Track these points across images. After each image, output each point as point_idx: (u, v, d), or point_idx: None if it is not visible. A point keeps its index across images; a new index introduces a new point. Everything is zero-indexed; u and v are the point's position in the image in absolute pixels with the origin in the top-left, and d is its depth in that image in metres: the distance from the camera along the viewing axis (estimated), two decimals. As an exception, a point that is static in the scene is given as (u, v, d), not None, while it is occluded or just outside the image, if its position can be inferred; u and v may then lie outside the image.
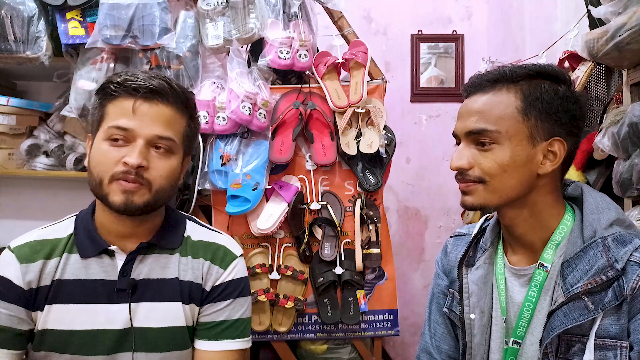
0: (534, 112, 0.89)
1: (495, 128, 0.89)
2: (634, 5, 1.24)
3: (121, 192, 0.96)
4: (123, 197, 0.97)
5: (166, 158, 1.01)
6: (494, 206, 0.94)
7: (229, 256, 1.12)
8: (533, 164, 0.90)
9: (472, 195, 0.93)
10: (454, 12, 2.63)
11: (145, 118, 0.98)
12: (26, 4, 1.65)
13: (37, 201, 2.11)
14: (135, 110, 0.98)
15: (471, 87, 0.95)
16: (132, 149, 0.97)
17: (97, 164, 0.98)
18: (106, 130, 0.98)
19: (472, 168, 0.92)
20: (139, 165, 0.96)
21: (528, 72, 0.91)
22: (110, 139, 0.98)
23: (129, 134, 0.97)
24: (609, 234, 0.87)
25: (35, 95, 2.11)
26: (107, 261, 1.04)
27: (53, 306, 1.02)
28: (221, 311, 1.09)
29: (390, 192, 2.56)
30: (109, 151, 0.97)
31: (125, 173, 0.96)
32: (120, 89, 0.99)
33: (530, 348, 0.93)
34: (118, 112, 0.98)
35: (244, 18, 1.66)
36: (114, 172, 0.96)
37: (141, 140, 0.97)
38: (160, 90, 0.99)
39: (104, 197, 0.98)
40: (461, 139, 0.94)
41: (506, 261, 1.00)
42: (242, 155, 1.72)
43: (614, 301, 0.83)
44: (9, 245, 1.04)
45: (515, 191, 0.91)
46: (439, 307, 1.11)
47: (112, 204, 0.97)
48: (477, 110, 0.92)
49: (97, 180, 0.98)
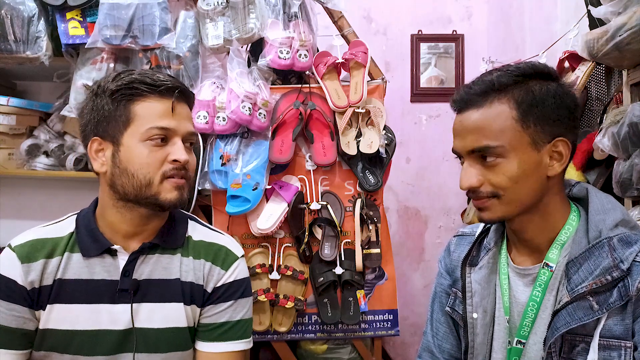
0: (531, 119, 0.88)
1: (498, 143, 0.88)
2: (634, 5, 1.24)
3: (174, 189, 1.00)
4: (177, 194, 1.01)
5: (192, 153, 1.06)
6: (513, 216, 0.93)
7: (231, 257, 1.12)
8: (542, 168, 0.89)
9: (489, 210, 0.92)
10: (454, 12, 2.63)
11: (180, 117, 1.02)
12: (26, 4, 1.65)
13: (37, 201, 2.11)
14: (174, 110, 1.01)
15: (461, 102, 0.93)
16: (174, 147, 1.00)
17: (142, 165, 0.99)
18: (145, 132, 0.99)
19: (482, 185, 0.91)
20: (186, 161, 1.01)
21: (515, 77, 0.89)
22: (150, 139, 0.99)
23: (169, 133, 1.00)
24: (615, 234, 0.87)
25: (35, 95, 2.10)
26: (109, 261, 1.04)
27: (55, 306, 1.01)
28: (223, 312, 1.08)
29: (390, 192, 2.56)
30: (155, 151, 0.99)
31: (177, 170, 1.00)
32: (152, 90, 1.00)
33: (534, 348, 0.93)
34: (155, 113, 1.00)
35: (244, 18, 1.66)
36: (164, 170, 0.99)
37: (179, 138, 1.01)
38: (184, 90, 1.04)
39: (153, 196, 1.00)
40: (464, 157, 0.93)
41: (510, 261, 1.00)
42: (242, 155, 1.72)
43: (619, 301, 0.83)
44: (9, 244, 1.04)
45: (529, 198, 0.90)
46: (442, 306, 1.11)
47: (164, 202, 1.00)
48: (473, 127, 0.90)
49: (143, 182, 0.99)
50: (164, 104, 1.00)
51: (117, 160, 1.00)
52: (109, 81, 1.01)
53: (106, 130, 1.01)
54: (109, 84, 1.01)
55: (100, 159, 1.02)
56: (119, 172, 1.00)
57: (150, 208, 1.02)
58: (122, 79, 1.00)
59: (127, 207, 1.03)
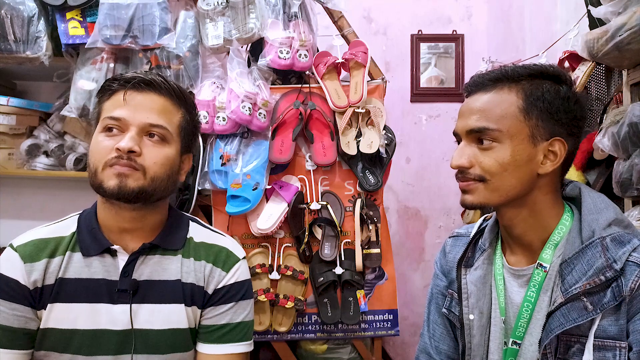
0: (535, 112, 0.89)
1: (497, 127, 0.89)
2: (634, 5, 1.24)
3: (115, 176, 0.97)
4: (117, 181, 0.97)
5: (160, 146, 1.02)
6: (494, 205, 0.94)
7: (232, 259, 1.11)
8: (533, 164, 0.90)
9: (472, 194, 0.93)
10: (454, 12, 2.63)
11: (137, 107, 1.01)
12: (26, 4, 1.65)
13: (37, 201, 2.11)
14: (126, 100, 1.00)
15: (472, 85, 0.95)
16: (124, 136, 0.99)
17: (92, 154, 1.00)
18: (101, 122, 1.01)
19: (472, 166, 0.92)
20: (129, 149, 0.97)
21: (530, 71, 0.91)
22: (105, 130, 1.00)
23: (122, 123, 0.99)
24: (608, 234, 0.87)
25: (35, 95, 2.11)
26: (109, 261, 1.04)
27: (55, 305, 1.01)
28: (223, 314, 1.08)
29: (390, 192, 2.56)
30: (103, 140, 0.99)
31: (118, 158, 0.97)
32: (115, 84, 1.02)
33: (530, 349, 0.93)
34: (112, 105, 1.01)
35: (244, 18, 1.66)
36: (107, 159, 0.98)
37: (134, 128, 0.99)
38: (151, 82, 1.02)
39: (100, 185, 0.98)
40: (462, 137, 0.94)
41: (505, 261, 1.00)
42: (242, 155, 1.73)
43: (613, 302, 0.83)
44: (11, 244, 1.04)
45: (515, 190, 0.91)
46: (438, 308, 1.11)
47: (106, 189, 0.98)
48: (478, 108, 0.92)
49: (92, 170, 1.00)
50: (122, 94, 1.01)
51: None
52: None
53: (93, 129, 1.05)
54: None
55: None
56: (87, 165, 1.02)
57: (103, 197, 1.01)
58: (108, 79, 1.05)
59: (108, 203, 1.03)
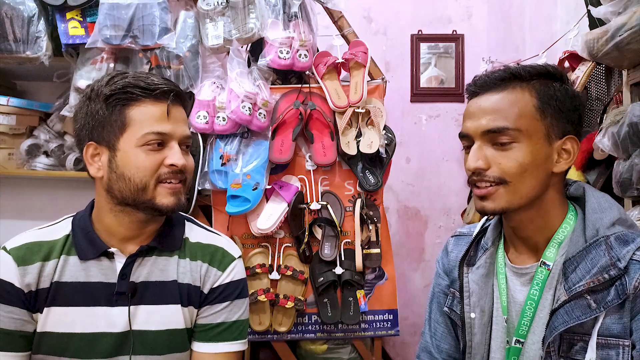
0: (549, 111, 0.89)
1: (516, 126, 0.88)
2: (634, 5, 1.24)
3: (170, 194, 1.00)
4: (174, 199, 1.00)
5: (189, 155, 1.05)
6: (515, 208, 0.91)
7: (227, 258, 1.11)
8: (549, 163, 0.90)
9: (492, 200, 0.91)
10: (454, 12, 2.63)
11: (177, 121, 1.01)
12: (26, 4, 1.65)
13: (37, 201, 2.11)
14: (170, 114, 1.00)
15: (479, 86, 0.94)
16: (170, 151, 1.00)
17: (139, 169, 0.98)
18: (142, 137, 0.98)
19: (489, 168, 0.90)
20: (183, 165, 1.00)
21: (540, 71, 0.91)
22: (147, 144, 0.98)
23: (165, 137, 0.99)
24: (612, 233, 0.87)
25: (35, 95, 2.10)
26: (106, 264, 1.04)
27: (52, 309, 1.01)
28: (219, 313, 1.08)
29: (390, 192, 2.56)
30: (149, 156, 0.98)
31: (172, 174, 0.99)
32: (146, 94, 0.98)
33: (533, 347, 0.93)
34: (151, 118, 0.99)
35: (244, 18, 1.66)
36: (160, 175, 0.99)
37: (175, 142, 1.00)
38: (179, 93, 1.03)
39: (149, 201, 0.99)
40: (475, 139, 0.92)
41: (507, 260, 1.00)
42: (242, 155, 1.73)
43: (617, 300, 0.83)
44: (4, 247, 1.03)
45: (534, 191, 0.90)
46: (440, 307, 1.11)
47: (161, 207, 0.99)
48: (492, 108, 0.90)
49: (140, 186, 0.98)
50: (159, 108, 0.99)
51: (114, 165, 0.99)
52: (103, 85, 0.99)
53: (101, 135, 1.00)
54: (102, 88, 0.99)
55: (96, 164, 1.01)
56: (116, 177, 0.99)
57: (148, 212, 1.02)
58: (115, 82, 0.99)
59: (124, 212, 1.02)
